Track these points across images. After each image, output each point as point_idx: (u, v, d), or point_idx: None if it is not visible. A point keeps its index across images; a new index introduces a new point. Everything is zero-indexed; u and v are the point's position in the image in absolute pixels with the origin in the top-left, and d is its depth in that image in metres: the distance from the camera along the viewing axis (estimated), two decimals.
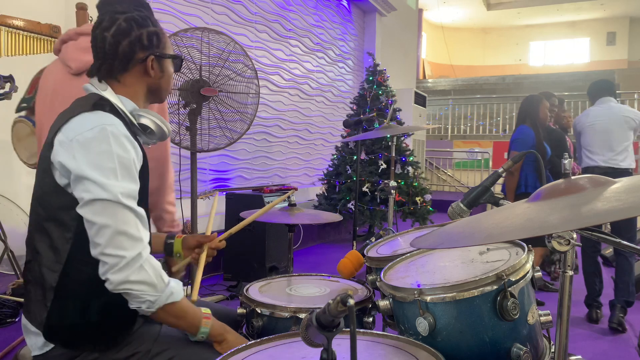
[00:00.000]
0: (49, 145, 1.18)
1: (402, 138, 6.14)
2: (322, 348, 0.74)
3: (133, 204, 1.13)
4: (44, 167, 1.18)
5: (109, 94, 1.25)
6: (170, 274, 1.43)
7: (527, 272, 1.08)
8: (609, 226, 3.68)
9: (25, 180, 3.32)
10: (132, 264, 1.10)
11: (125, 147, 1.15)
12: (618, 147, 3.46)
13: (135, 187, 1.15)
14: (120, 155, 1.13)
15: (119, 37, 1.24)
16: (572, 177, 0.88)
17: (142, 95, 1.32)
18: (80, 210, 1.12)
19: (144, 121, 1.27)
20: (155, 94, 1.37)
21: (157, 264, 1.15)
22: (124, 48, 1.25)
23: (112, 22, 1.25)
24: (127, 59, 1.26)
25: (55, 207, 1.15)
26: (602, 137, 3.49)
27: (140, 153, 1.22)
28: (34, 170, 1.23)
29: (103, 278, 1.11)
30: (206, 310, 1.26)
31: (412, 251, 1.39)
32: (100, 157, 1.12)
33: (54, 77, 1.79)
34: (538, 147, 3.47)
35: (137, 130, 1.28)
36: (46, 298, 1.16)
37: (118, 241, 1.09)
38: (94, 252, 1.11)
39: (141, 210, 1.15)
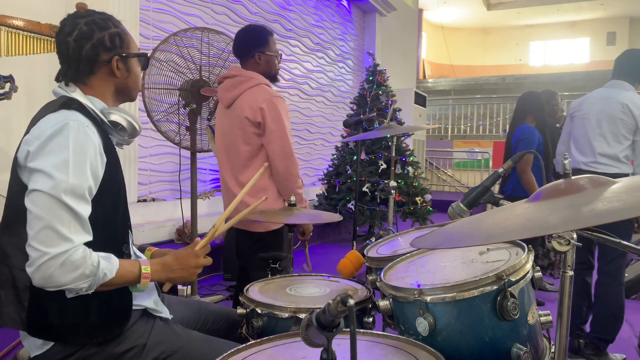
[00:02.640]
0: (17, 147, 1.20)
1: (402, 138, 6.14)
2: (322, 348, 0.74)
3: (74, 202, 1.11)
4: (12, 169, 1.20)
5: (78, 95, 1.27)
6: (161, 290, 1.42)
7: (527, 272, 1.08)
8: None
9: None
10: (53, 262, 1.07)
11: (83, 142, 1.15)
12: (605, 149, 2.67)
13: (84, 184, 1.14)
14: (76, 149, 1.13)
15: (81, 41, 1.26)
16: (572, 177, 0.88)
17: (109, 95, 1.34)
18: (25, 198, 1.12)
19: (114, 118, 1.28)
20: (123, 94, 1.38)
21: (85, 256, 1.13)
22: (87, 51, 1.27)
23: (74, 26, 1.27)
24: (92, 61, 1.28)
25: (21, 207, 1.14)
26: (589, 134, 2.73)
27: (101, 152, 1.21)
28: None
29: (27, 272, 1.09)
30: (145, 268, 1.22)
31: (412, 251, 1.38)
32: (55, 150, 1.12)
33: (219, 106, 2.40)
34: (544, 147, 3.34)
35: (108, 129, 1.28)
36: (22, 298, 1.17)
37: (45, 236, 1.08)
38: (26, 243, 1.10)
39: (82, 211, 1.13)
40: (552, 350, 1.13)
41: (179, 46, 2.99)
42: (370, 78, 6.14)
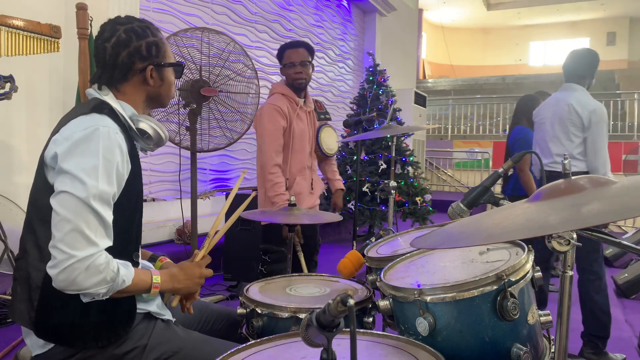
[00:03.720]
0: (45, 146, 1.20)
1: (402, 138, 6.14)
2: (322, 348, 0.74)
3: (101, 207, 1.12)
4: (39, 166, 1.21)
5: (110, 98, 1.28)
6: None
7: (527, 272, 1.08)
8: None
9: (24, 180, 3.32)
10: (79, 266, 1.07)
11: (112, 149, 1.16)
12: (560, 149, 2.79)
13: (110, 190, 1.15)
14: (105, 156, 1.14)
15: (118, 48, 1.28)
16: (572, 177, 0.88)
17: (141, 102, 1.35)
18: (51, 199, 1.12)
19: (142, 126, 1.29)
20: (155, 101, 1.39)
21: (108, 261, 1.13)
22: (123, 59, 1.28)
23: (113, 33, 1.28)
24: (126, 69, 1.29)
25: (43, 206, 1.15)
26: (545, 137, 2.89)
27: (127, 159, 1.22)
28: (34, 170, 1.25)
29: (49, 274, 1.09)
30: (156, 278, 1.23)
31: (412, 251, 1.39)
32: (85, 154, 1.13)
33: None
34: None
35: (134, 135, 1.29)
36: (32, 297, 1.17)
37: (72, 238, 1.08)
38: (50, 244, 1.10)
39: (107, 216, 1.14)
40: (552, 350, 1.13)
41: (179, 46, 2.99)
42: (370, 78, 6.14)
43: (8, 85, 2.54)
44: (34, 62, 3.23)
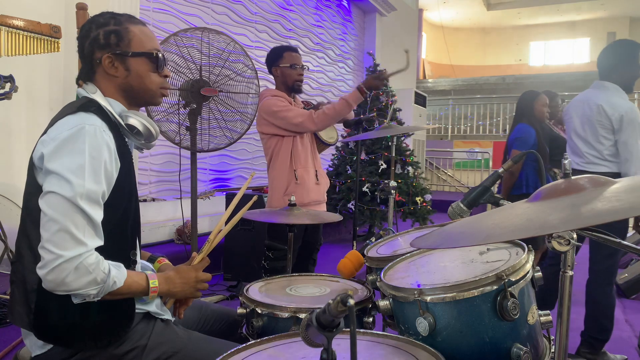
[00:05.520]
0: (34, 147, 1.19)
1: (402, 138, 6.13)
2: (322, 348, 0.74)
3: (89, 206, 1.11)
4: (29, 169, 1.20)
5: (98, 96, 1.27)
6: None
7: (527, 272, 1.08)
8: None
9: (24, 180, 3.32)
10: (67, 266, 1.06)
11: (99, 147, 1.15)
12: (591, 151, 2.70)
13: (98, 189, 1.13)
14: (91, 154, 1.13)
15: (82, 39, 1.29)
16: (572, 177, 0.88)
17: (118, 97, 1.31)
18: (39, 200, 1.12)
19: (131, 122, 1.27)
20: (132, 96, 1.33)
21: (98, 261, 1.12)
22: (86, 50, 1.29)
23: (82, 26, 1.32)
24: (89, 59, 1.29)
25: (35, 209, 1.14)
26: (576, 136, 2.79)
27: (116, 157, 1.20)
28: None
29: (39, 274, 1.08)
30: (153, 282, 1.23)
31: (412, 251, 1.38)
32: (71, 153, 1.12)
33: None
34: (539, 146, 3.39)
35: (125, 132, 1.28)
36: (29, 300, 1.16)
37: (60, 238, 1.07)
38: (39, 245, 1.10)
39: (96, 215, 1.12)
40: (552, 350, 1.13)
41: (179, 46, 2.99)
42: None
43: (8, 85, 2.54)
44: (34, 62, 3.24)
